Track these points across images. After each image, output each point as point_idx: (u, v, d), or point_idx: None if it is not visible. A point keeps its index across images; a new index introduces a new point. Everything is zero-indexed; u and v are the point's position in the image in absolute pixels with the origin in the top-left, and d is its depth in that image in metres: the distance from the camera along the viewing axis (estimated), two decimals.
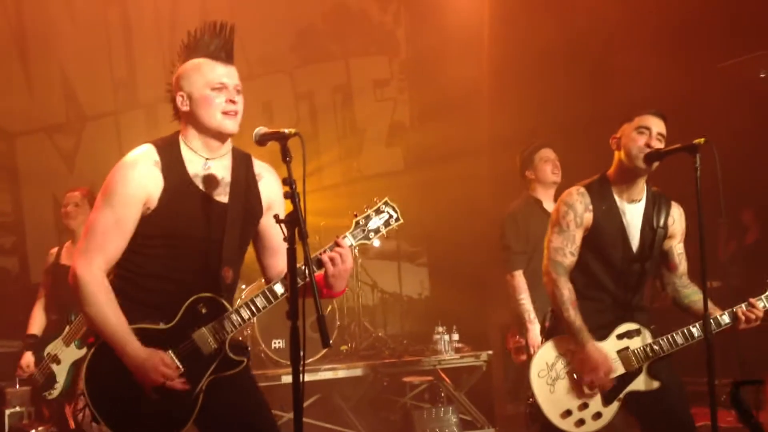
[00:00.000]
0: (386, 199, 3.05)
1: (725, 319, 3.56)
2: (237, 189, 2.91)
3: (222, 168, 2.92)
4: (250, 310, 2.87)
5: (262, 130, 2.77)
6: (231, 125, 2.87)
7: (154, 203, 2.80)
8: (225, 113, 2.86)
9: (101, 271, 2.76)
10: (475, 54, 8.50)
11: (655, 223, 3.65)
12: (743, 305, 3.57)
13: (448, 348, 6.96)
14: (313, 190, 2.58)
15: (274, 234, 2.99)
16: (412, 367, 6.79)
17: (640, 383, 3.57)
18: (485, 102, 8.29)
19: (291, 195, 2.63)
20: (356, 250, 7.97)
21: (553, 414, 3.55)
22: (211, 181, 2.88)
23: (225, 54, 2.91)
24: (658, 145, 3.55)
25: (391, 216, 3.03)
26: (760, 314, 3.55)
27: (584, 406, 3.56)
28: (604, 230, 3.61)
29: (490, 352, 6.97)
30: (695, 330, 3.52)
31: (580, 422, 3.55)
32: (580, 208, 3.61)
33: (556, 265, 3.59)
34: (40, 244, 7.73)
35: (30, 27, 7.89)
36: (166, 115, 3.03)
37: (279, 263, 3.04)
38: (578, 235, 3.60)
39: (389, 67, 9.59)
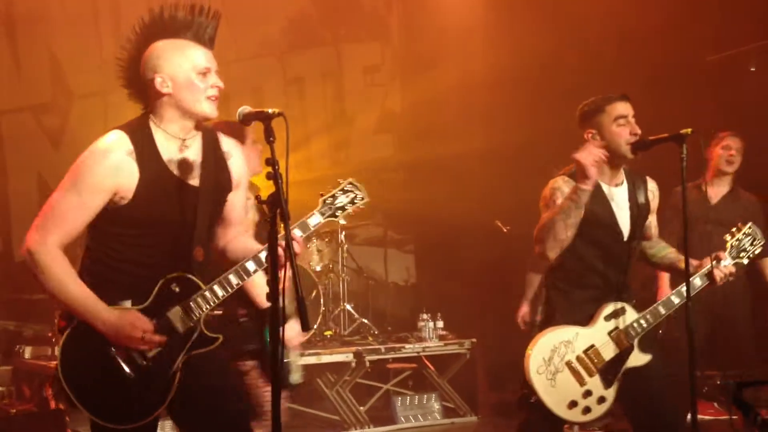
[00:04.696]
0: (351, 179, 3.18)
1: (697, 282, 3.61)
2: (207, 170, 2.88)
3: (193, 151, 2.89)
4: (224, 287, 2.88)
5: (246, 109, 2.75)
6: (215, 110, 2.87)
7: (129, 194, 2.75)
8: (208, 98, 2.84)
9: (56, 246, 2.72)
10: (469, 41, 8.48)
11: (639, 200, 3.68)
12: (712, 263, 3.64)
13: (432, 335, 6.97)
14: (300, 181, 2.58)
15: (234, 208, 3.03)
16: (396, 354, 6.80)
17: (634, 360, 3.60)
18: (478, 89, 8.27)
19: (273, 176, 2.62)
20: (342, 235, 7.93)
21: (559, 408, 3.53)
22: (184, 165, 2.85)
23: (209, 38, 2.88)
24: (638, 128, 3.57)
25: (356, 195, 3.15)
26: (731, 272, 3.65)
27: (588, 394, 3.55)
28: (595, 216, 3.60)
29: (474, 340, 6.98)
30: (674, 297, 3.60)
31: (587, 410, 3.55)
32: (567, 189, 3.60)
33: None
34: (25, 224, 7.64)
35: (18, 4, 7.81)
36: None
37: (229, 233, 3.05)
38: None
39: (381, 53, 9.56)
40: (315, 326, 6.88)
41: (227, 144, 3.01)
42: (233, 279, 2.88)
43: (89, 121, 7.80)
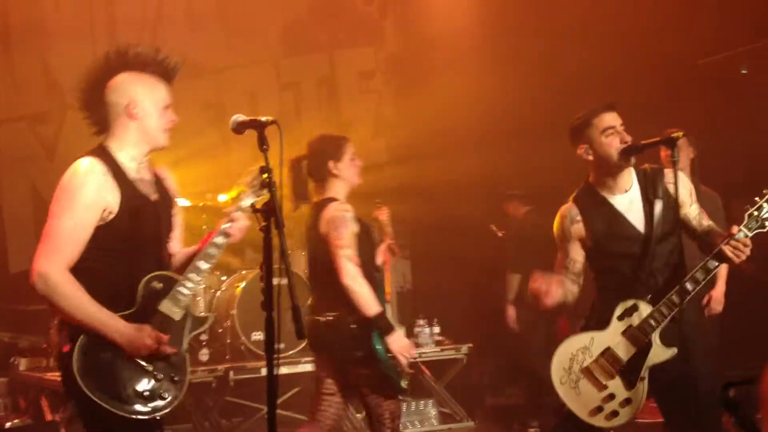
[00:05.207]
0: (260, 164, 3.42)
1: (713, 263, 3.47)
2: (157, 188, 3.14)
3: (145, 172, 3.12)
4: (197, 273, 3.05)
5: (239, 117, 2.81)
6: (167, 141, 3.13)
7: (115, 209, 2.94)
8: (165, 130, 3.08)
9: (64, 267, 2.87)
10: (463, 46, 8.50)
11: (654, 197, 3.60)
12: (724, 242, 3.46)
13: (428, 341, 6.97)
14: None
15: (176, 223, 3.27)
16: None
17: (656, 356, 3.52)
18: (473, 94, 8.28)
19: (268, 184, 2.65)
20: None
21: (585, 414, 3.53)
22: (144, 183, 3.08)
23: (171, 78, 3.14)
24: (627, 136, 3.56)
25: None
26: (745, 243, 3.44)
27: (610, 397, 3.52)
28: (607, 231, 3.61)
29: (471, 345, 6.98)
30: (689, 285, 3.46)
31: (613, 414, 3.52)
32: (567, 223, 3.67)
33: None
34: (19, 234, 7.68)
35: (13, 14, 7.82)
36: None
37: (173, 247, 3.27)
38: (571, 247, 3.68)
39: (375, 58, 9.58)
40: None
41: (159, 169, 3.27)
42: (202, 265, 3.05)
43: (83, 132, 7.77)
